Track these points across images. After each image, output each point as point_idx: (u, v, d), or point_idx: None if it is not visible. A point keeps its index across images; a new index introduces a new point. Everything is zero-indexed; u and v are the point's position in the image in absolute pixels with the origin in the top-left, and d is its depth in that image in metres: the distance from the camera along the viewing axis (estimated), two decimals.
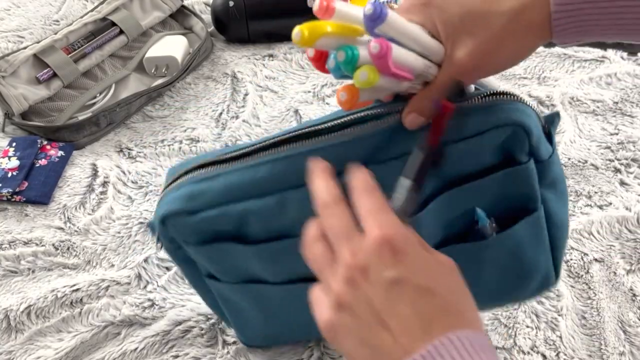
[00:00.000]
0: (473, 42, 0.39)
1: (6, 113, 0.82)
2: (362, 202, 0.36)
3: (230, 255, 0.49)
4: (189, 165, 0.49)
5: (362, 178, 0.38)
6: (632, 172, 0.77)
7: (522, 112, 0.44)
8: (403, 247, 0.34)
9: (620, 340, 0.61)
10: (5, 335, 0.61)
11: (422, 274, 0.34)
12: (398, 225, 0.35)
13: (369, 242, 0.34)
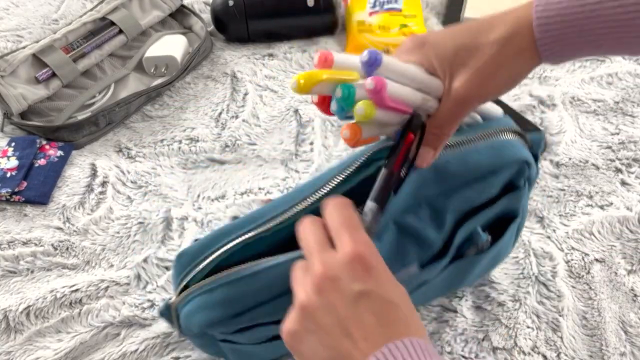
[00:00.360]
0: (467, 72, 0.42)
1: (5, 113, 0.82)
2: (334, 217, 0.40)
3: (266, 332, 0.48)
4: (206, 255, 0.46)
5: (336, 198, 0.41)
6: (633, 172, 0.77)
7: (523, 147, 0.50)
8: (373, 263, 0.37)
9: (622, 341, 0.61)
10: (4, 336, 0.61)
11: (388, 288, 0.37)
12: (369, 243, 0.38)
13: (342, 256, 0.37)
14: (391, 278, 0.38)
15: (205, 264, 0.46)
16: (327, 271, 0.37)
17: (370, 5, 0.99)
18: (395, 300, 0.37)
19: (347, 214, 0.40)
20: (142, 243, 0.70)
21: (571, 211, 0.72)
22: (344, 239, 0.38)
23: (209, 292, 0.45)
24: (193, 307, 0.45)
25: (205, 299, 0.45)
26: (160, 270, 0.67)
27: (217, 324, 0.45)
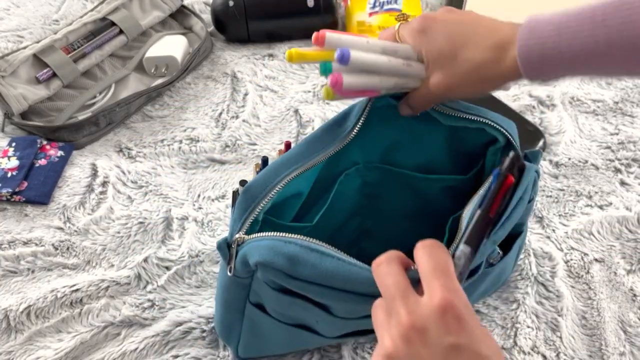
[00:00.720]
0: (442, 75, 0.48)
1: (6, 113, 0.82)
2: (426, 261, 0.38)
3: (303, 309, 0.50)
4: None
5: (430, 240, 0.39)
6: (632, 172, 0.77)
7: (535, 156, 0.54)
8: (466, 314, 0.35)
9: (621, 341, 0.61)
10: (5, 336, 0.61)
11: (481, 342, 0.35)
12: (460, 292, 0.36)
13: (432, 305, 0.35)
14: (484, 331, 0.36)
15: (271, 195, 0.49)
16: (415, 321, 0.35)
17: (370, 5, 0.99)
18: (489, 354, 0.35)
19: (441, 258, 0.38)
20: (143, 243, 0.70)
21: (570, 211, 0.73)
22: (435, 285, 0.36)
23: (283, 242, 0.46)
24: (262, 244, 0.47)
25: (277, 244, 0.46)
26: (160, 270, 0.67)
27: (273, 269, 0.46)
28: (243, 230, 0.48)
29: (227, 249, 0.49)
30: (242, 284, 0.51)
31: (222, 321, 0.57)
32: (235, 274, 0.49)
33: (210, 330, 0.61)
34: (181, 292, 0.65)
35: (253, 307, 0.53)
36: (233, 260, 0.48)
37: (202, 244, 0.69)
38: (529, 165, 0.53)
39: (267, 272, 0.47)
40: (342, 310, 0.49)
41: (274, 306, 0.52)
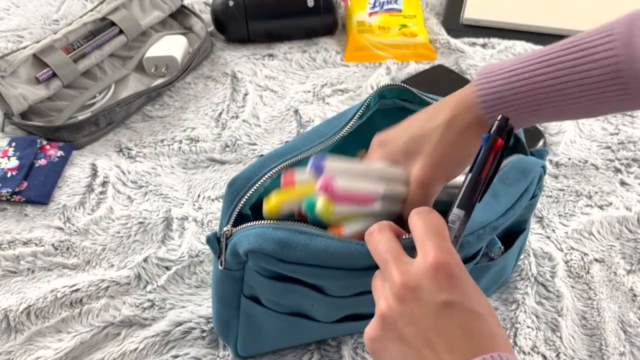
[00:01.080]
0: (421, 159, 0.46)
1: (6, 113, 0.82)
2: (420, 225, 0.39)
3: (297, 294, 0.50)
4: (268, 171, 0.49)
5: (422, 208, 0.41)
6: (632, 172, 0.77)
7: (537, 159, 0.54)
8: (458, 272, 0.36)
9: (621, 341, 0.61)
10: (5, 336, 0.61)
11: (474, 299, 0.36)
12: (453, 252, 0.37)
13: (424, 264, 0.36)
14: (477, 289, 0.37)
15: (256, 188, 0.48)
16: (407, 280, 0.36)
17: (370, 5, 0.99)
18: (481, 312, 0.35)
19: (434, 222, 0.39)
20: (143, 243, 0.70)
21: (570, 211, 0.73)
22: (427, 246, 0.37)
23: (271, 228, 0.46)
24: (250, 233, 0.47)
25: (265, 231, 0.46)
26: (160, 270, 0.67)
27: (263, 255, 0.46)
28: (230, 223, 0.49)
29: (216, 242, 0.49)
30: (234, 276, 0.51)
31: (219, 318, 0.57)
32: (227, 267, 0.50)
33: (210, 330, 0.61)
34: (181, 292, 0.65)
35: (248, 300, 0.53)
36: (223, 254, 0.49)
37: (202, 244, 0.69)
38: (535, 160, 0.53)
39: (258, 259, 0.47)
40: (337, 288, 0.49)
41: (268, 295, 0.52)
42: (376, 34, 0.95)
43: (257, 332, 0.56)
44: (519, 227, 0.59)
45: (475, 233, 0.48)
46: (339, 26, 1.01)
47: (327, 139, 0.52)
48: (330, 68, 0.93)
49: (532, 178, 0.53)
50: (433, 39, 0.97)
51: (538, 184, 0.54)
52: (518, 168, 0.53)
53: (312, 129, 0.53)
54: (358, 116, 0.53)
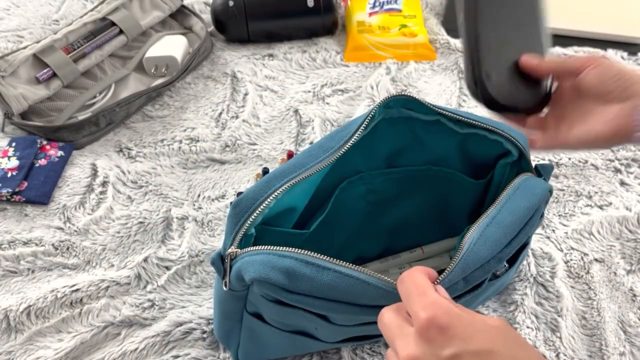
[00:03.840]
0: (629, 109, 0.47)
1: (6, 113, 0.82)
2: (402, 292, 0.38)
3: (301, 318, 0.49)
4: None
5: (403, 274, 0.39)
6: (632, 172, 0.77)
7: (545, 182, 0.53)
8: (449, 321, 0.35)
9: (621, 341, 0.61)
10: (5, 336, 0.61)
11: (477, 339, 0.34)
12: (439, 301, 0.36)
13: (416, 330, 0.35)
14: (477, 326, 0.35)
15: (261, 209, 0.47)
16: (409, 353, 0.35)
17: (370, 5, 0.99)
18: (490, 346, 0.34)
19: (412, 281, 0.38)
20: (143, 243, 0.70)
21: (570, 211, 0.73)
22: (413, 309, 0.36)
23: (277, 255, 0.46)
24: (258, 260, 0.46)
25: (272, 259, 0.45)
26: (160, 270, 0.67)
27: (269, 284, 0.46)
28: (235, 244, 0.48)
29: (220, 263, 0.48)
30: (238, 296, 0.51)
31: (221, 328, 0.57)
32: (231, 288, 0.49)
33: (210, 332, 0.61)
34: (181, 292, 0.65)
35: (251, 317, 0.52)
36: (227, 275, 0.48)
37: (202, 244, 0.69)
38: (543, 185, 0.52)
39: (264, 288, 0.46)
40: (342, 319, 0.49)
41: (272, 315, 0.51)
42: (376, 34, 0.95)
43: (259, 344, 0.56)
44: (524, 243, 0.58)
45: (481, 268, 0.48)
46: (339, 26, 1.01)
47: (331, 154, 0.50)
48: (330, 68, 0.93)
49: (540, 205, 0.51)
50: (433, 39, 0.97)
51: (545, 206, 0.53)
52: (525, 194, 0.51)
53: (317, 144, 0.52)
54: (363, 128, 0.52)
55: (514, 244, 0.50)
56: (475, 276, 0.48)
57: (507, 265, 0.56)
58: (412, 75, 0.91)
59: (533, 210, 0.51)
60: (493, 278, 0.57)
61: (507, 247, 0.49)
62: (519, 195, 0.51)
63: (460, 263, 0.46)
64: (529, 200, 0.51)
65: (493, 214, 0.49)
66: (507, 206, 0.50)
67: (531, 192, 0.51)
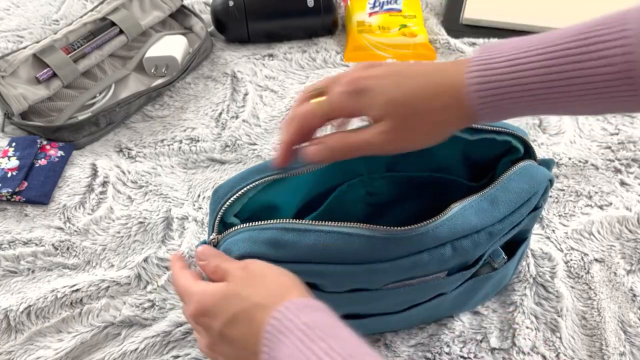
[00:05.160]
0: (390, 122, 0.42)
1: (6, 113, 0.82)
2: (176, 286, 0.46)
3: None
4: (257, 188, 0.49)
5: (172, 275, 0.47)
6: (632, 172, 0.77)
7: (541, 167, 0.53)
8: (204, 306, 0.41)
9: (621, 341, 0.61)
10: (5, 336, 0.61)
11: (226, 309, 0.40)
12: (195, 294, 0.42)
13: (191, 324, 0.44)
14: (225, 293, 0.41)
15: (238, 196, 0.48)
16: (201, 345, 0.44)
17: (370, 5, 0.99)
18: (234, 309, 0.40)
19: (176, 286, 0.45)
20: (143, 243, 0.70)
21: (570, 211, 0.73)
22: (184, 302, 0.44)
23: (259, 230, 0.46)
24: (239, 238, 0.47)
25: (254, 234, 0.46)
26: (160, 270, 0.67)
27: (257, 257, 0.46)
28: (215, 231, 0.49)
29: None
30: None
31: None
32: None
33: None
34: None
35: None
36: None
37: None
38: (544, 172, 0.52)
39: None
40: (330, 284, 0.49)
41: None
42: (376, 34, 0.95)
43: None
44: (521, 236, 0.58)
45: (470, 237, 0.48)
46: (339, 26, 1.01)
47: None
48: (330, 68, 0.93)
49: (537, 190, 0.52)
50: (433, 39, 0.97)
51: (543, 196, 0.54)
52: (524, 176, 0.51)
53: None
54: None
55: (507, 222, 0.50)
56: (463, 245, 0.48)
57: (505, 258, 0.56)
58: None
59: (530, 194, 0.51)
60: (491, 270, 0.57)
61: (499, 223, 0.50)
62: (519, 177, 0.51)
63: (447, 220, 0.47)
64: (527, 183, 0.51)
65: (489, 190, 0.50)
66: (505, 185, 0.51)
67: (531, 176, 0.52)
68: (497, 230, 0.50)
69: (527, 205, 0.51)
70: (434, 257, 0.48)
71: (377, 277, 0.49)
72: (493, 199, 0.50)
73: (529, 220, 0.55)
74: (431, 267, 0.49)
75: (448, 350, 0.60)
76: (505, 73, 0.39)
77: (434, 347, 0.60)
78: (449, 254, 0.48)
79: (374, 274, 0.48)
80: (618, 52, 0.36)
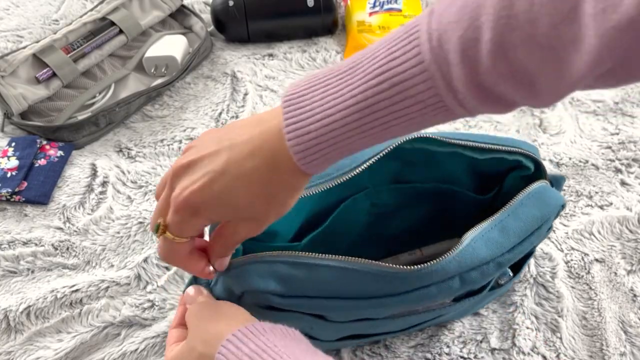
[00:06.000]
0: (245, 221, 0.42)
1: (5, 113, 0.82)
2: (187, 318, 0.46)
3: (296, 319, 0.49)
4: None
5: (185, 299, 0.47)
6: (632, 172, 0.77)
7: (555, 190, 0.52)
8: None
9: (621, 341, 0.61)
10: (5, 336, 0.61)
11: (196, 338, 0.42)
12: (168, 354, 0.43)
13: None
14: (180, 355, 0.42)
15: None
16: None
17: (370, 5, 0.99)
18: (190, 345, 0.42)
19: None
20: (143, 243, 0.70)
21: (571, 211, 0.73)
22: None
23: (267, 263, 0.45)
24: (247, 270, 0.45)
25: (261, 268, 0.45)
26: (160, 270, 0.67)
27: (262, 292, 0.45)
28: None
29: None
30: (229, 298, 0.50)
31: None
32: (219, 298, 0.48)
33: None
34: (181, 292, 0.65)
35: None
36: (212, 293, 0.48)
37: None
38: (555, 197, 0.51)
39: (256, 297, 0.45)
40: (338, 316, 0.49)
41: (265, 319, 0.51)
42: (376, 33, 0.95)
43: None
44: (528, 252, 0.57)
45: (479, 269, 0.48)
46: (339, 26, 1.01)
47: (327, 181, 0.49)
48: None
49: (549, 217, 0.50)
50: None
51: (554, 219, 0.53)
52: (537, 201, 0.50)
53: None
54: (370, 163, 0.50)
55: (516, 251, 0.49)
56: (472, 277, 0.48)
57: (511, 275, 0.56)
58: None
59: (542, 221, 0.50)
60: (496, 286, 0.56)
61: (508, 253, 0.49)
62: (531, 202, 0.50)
63: (457, 256, 0.46)
64: (540, 210, 0.50)
65: (500, 217, 0.49)
66: (516, 212, 0.49)
67: (544, 202, 0.50)
68: (505, 260, 0.49)
69: (538, 233, 0.50)
70: (442, 290, 0.48)
71: (383, 310, 0.48)
72: (503, 228, 0.49)
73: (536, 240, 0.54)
74: (438, 298, 0.49)
75: (448, 351, 0.60)
76: (322, 135, 0.38)
77: (434, 347, 0.60)
78: (457, 286, 0.48)
79: (381, 307, 0.47)
80: (422, 88, 0.35)
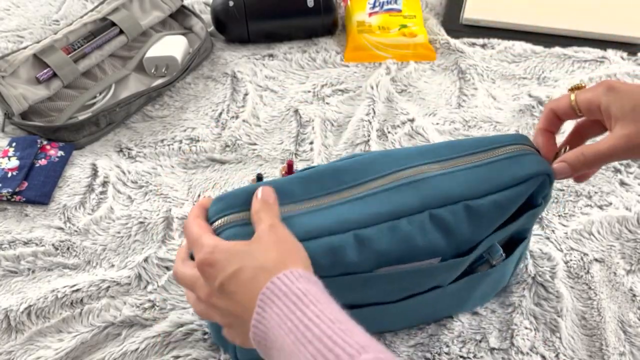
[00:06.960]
0: (634, 127, 0.48)
1: (6, 113, 0.82)
2: (186, 238, 0.46)
3: None
4: None
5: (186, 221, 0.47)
6: (632, 172, 0.77)
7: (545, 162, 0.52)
8: (213, 257, 0.43)
9: (621, 341, 0.61)
10: (5, 336, 0.61)
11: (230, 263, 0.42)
12: (207, 244, 0.43)
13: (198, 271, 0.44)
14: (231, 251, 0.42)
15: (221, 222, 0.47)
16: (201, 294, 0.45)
17: (370, 5, 0.99)
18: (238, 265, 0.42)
19: (189, 232, 0.46)
20: (143, 243, 0.70)
21: (570, 211, 0.73)
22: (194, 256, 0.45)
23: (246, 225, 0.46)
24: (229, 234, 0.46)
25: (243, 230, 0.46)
26: (160, 270, 0.67)
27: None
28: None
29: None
30: None
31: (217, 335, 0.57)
32: None
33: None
34: (182, 292, 0.65)
35: None
36: None
37: None
38: (539, 168, 0.51)
39: None
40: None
41: None
42: (376, 34, 0.95)
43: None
44: (521, 235, 0.58)
45: (448, 208, 0.48)
46: (339, 26, 1.01)
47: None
48: (330, 68, 0.93)
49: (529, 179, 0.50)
50: (433, 39, 0.97)
51: (542, 194, 0.53)
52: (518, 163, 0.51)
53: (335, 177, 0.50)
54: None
55: (489, 198, 0.49)
56: (441, 214, 0.47)
57: (503, 255, 0.55)
58: (412, 75, 0.92)
59: (521, 180, 0.50)
60: (488, 267, 0.56)
61: (480, 199, 0.48)
62: (511, 163, 0.50)
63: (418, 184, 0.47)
64: (522, 169, 0.50)
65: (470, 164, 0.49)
66: (493, 165, 0.50)
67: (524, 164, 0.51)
68: (477, 207, 0.48)
69: (517, 191, 0.50)
70: (414, 226, 0.48)
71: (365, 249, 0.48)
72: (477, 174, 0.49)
73: (527, 219, 0.54)
74: (418, 241, 0.48)
75: (447, 351, 0.60)
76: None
77: (434, 347, 0.60)
78: (428, 223, 0.48)
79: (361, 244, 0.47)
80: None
